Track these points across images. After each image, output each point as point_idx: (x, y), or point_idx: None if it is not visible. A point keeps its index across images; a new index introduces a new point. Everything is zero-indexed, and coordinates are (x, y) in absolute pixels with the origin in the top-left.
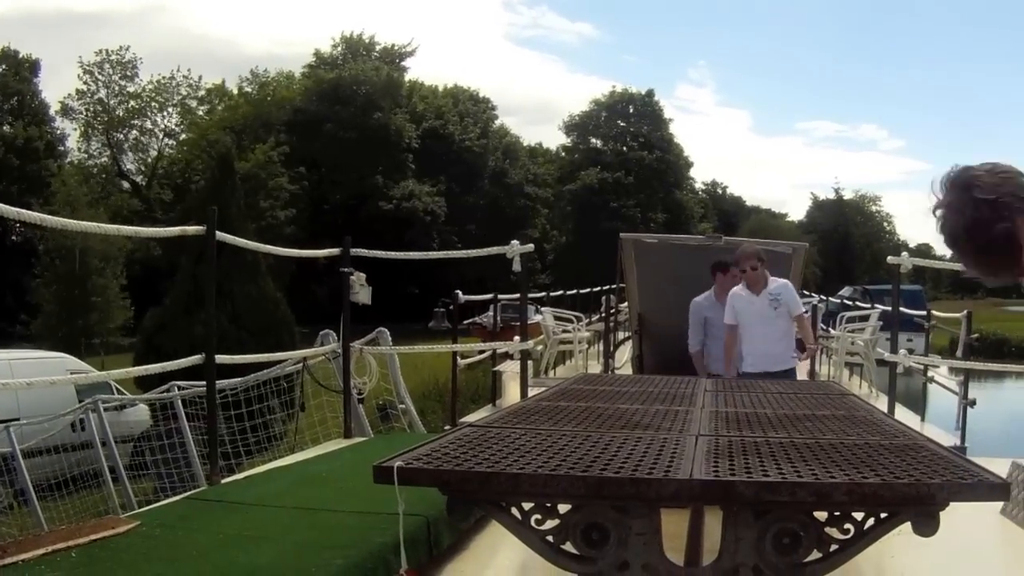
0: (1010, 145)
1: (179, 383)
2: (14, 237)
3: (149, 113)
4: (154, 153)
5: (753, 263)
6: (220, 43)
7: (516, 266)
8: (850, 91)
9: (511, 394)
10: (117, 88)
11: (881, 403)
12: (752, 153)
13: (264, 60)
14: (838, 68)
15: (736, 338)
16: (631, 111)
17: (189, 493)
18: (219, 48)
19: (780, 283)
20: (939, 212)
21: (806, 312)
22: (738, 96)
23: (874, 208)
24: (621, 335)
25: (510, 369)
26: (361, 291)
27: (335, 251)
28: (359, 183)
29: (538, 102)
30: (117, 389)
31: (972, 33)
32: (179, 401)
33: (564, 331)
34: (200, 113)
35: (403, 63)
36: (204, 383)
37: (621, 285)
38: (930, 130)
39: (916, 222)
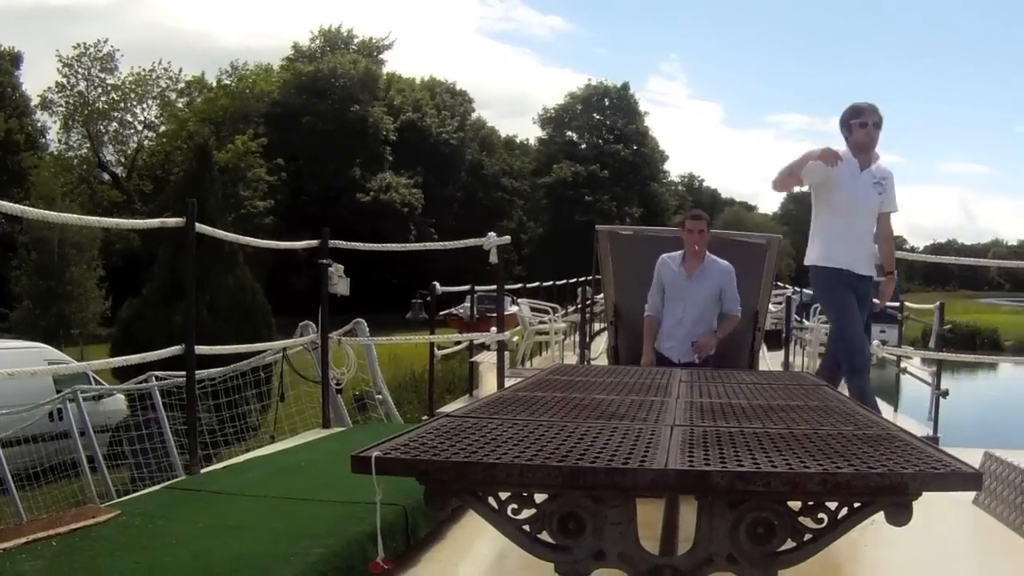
0: (983, 135)
1: (157, 373)
2: None
3: (128, 105)
4: (134, 145)
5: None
6: (195, 36)
7: (493, 258)
8: (820, 84)
9: (488, 384)
10: (97, 81)
11: None
12: (725, 146)
13: (239, 53)
14: (808, 61)
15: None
16: (606, 104)
17: (169, 482)
18: (194, 41)
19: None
20: None
21: (780, 303)
22: (710, 89)
23: None
24: (597, 326)
25: (487, 360)
26: (339, 282)
27: (313, 243)
28: (337, 175)
29: (512, 95)
30: (95, 379)
31: (939, 26)
32: (156, 391)
33: (540, 322)
34: (180, 105)
35: (380, 56)
36: (181, 373)
37: (597, 277)
38: (900, 124)
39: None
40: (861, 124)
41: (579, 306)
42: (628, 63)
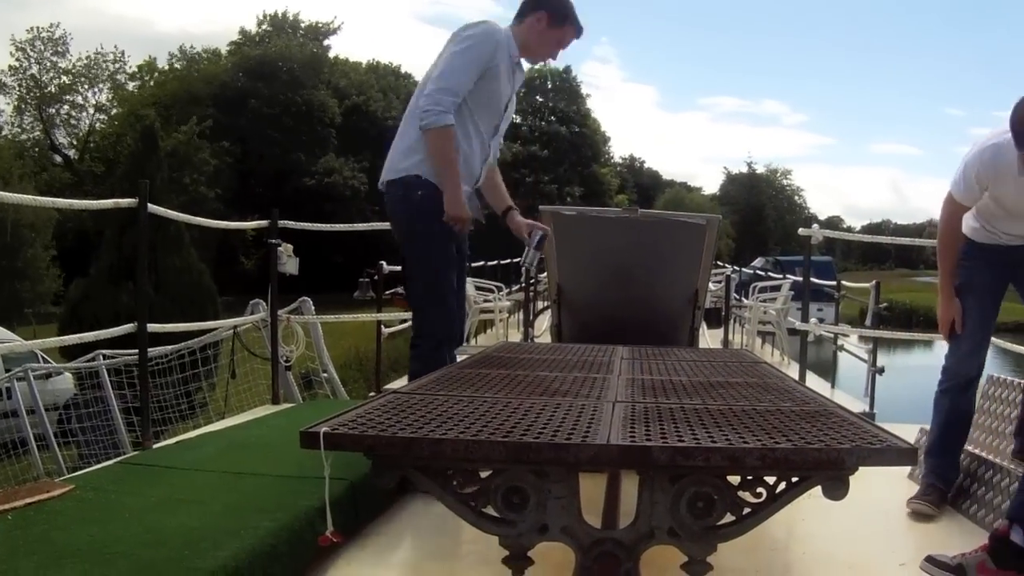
0: (913, 117)
1: (104, 352)
2: None
3: (80, 88)
4: (85, 128)
5: None
6: (137, 23)
7: None
8: (750, 67)
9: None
10: (49, 64)
11: (792, 371)
12: (660, 128)
13: (179, 39)
14: (738, 44)
15: None
16: (549, 87)
17: (122, 457)
18: (136, 28)
19: None
20: None
21: (719, 282)
22: (643, 72)
23: (785, 182)
24: (540, 305)
25: None
26: (288, 262)
27: (263, 223)
28: (283, 158)
29: None
30: (43, 358)
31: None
32: (104, 370)
33: (485, 300)
34: (130, 88)
35: (326, 40)
36: (129, 352)
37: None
38: (831, 105)
39: (822, 195)
40: None
41: (523, 285)
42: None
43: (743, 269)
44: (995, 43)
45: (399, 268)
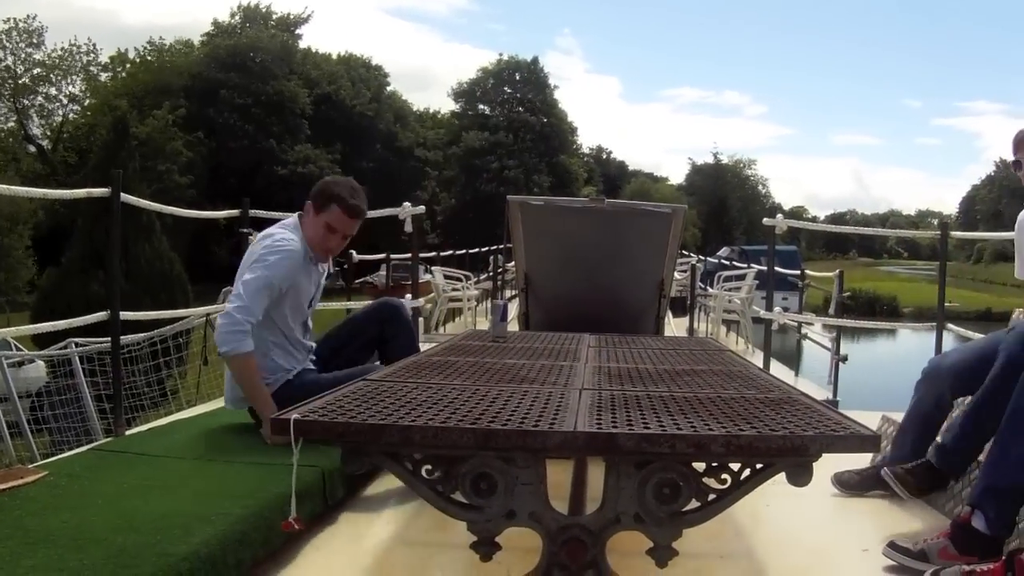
0: (873, 107)
1: (77, 340)
2: None
3: (54, 79)
4: (59, 118)
5: None
6: (105, 14)
7: (408, 227)
8: (711, 58)
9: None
10: (24, 55)
11: (757, 359)
12: (624, 119)
13: (146, 31)
14: (698, 35)
15: None
16: (517, 78)
17: (95, 444)
18: (104, 19)
19: None
20: None
21: (685, 271)
22: (606, 64)
23: (750, 172)
24: (508, 293)
25: None
26: None
27: (235, 212)
28: (255, 148)
29: (415, 70)
30: (16, 346)
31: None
32: (76, 358)
33: (454, 289)
34: (103, 79)
35: (298, 31)
36: (101, 340)
37: (508, 245)
38: (792, 96)
39: (784, 185)
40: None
41: (491, 274)
42: (524, 39)
43: (708, 258)
44: (952, 35)
45: (370, 257)
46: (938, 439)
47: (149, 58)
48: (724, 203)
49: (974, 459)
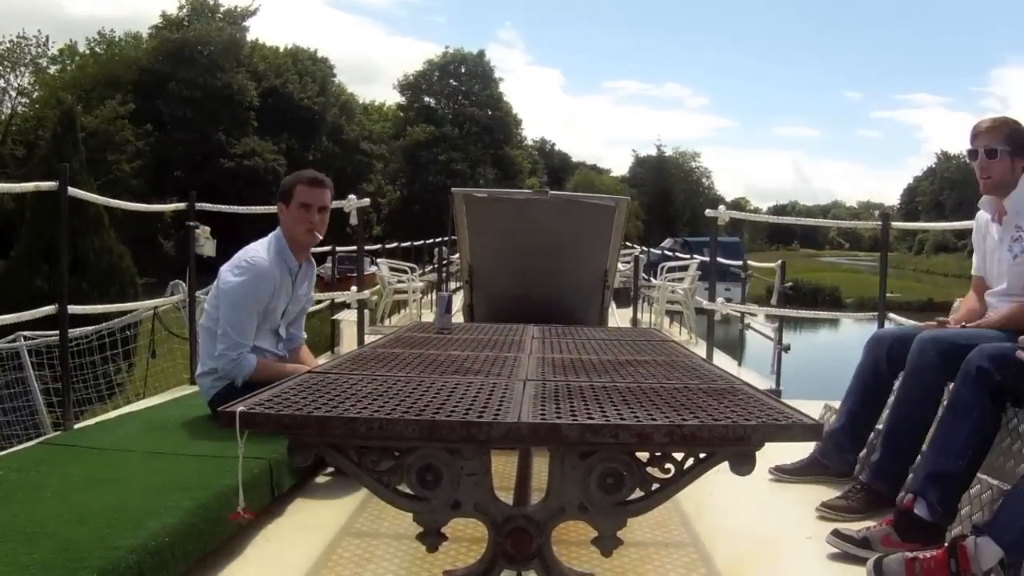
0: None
1: (25, 333)
2: None
3: (2, 72)
4: (8, 111)
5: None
6: (48, 5)
7: (353, 220)
8: (652, 50)
9: (348, 342)
10: None
11: (700, 349)
12: (566, 111)
13: (90, 22)
14: (638, 27)
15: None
16: (463, 71)
17: (43, 438)
18: (48, 9)
19: None
20: None
21: (628, 262)
22: (548, 56)
23: (694, 164)
24: (453, 285)
25: (347, 318)
26: (206, 244)
27: (181, 205)
28: (203, 141)
29: (358, 62)
30: None
31: None
32: (25, 351)
33: (399, 281)
34: (52, 72)
35: (245, 23)
36: (50, 333)
37: (453, 237)
38: (731, 89)
39: (725, 177)
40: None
41: (436, 266)
42: (466, 31)
43: (652, 250)
44: (892, 27)
45: (315, 249)
46: (871, 458)
47: (98, 51)
48: (667, 195)
49: (907, 471)
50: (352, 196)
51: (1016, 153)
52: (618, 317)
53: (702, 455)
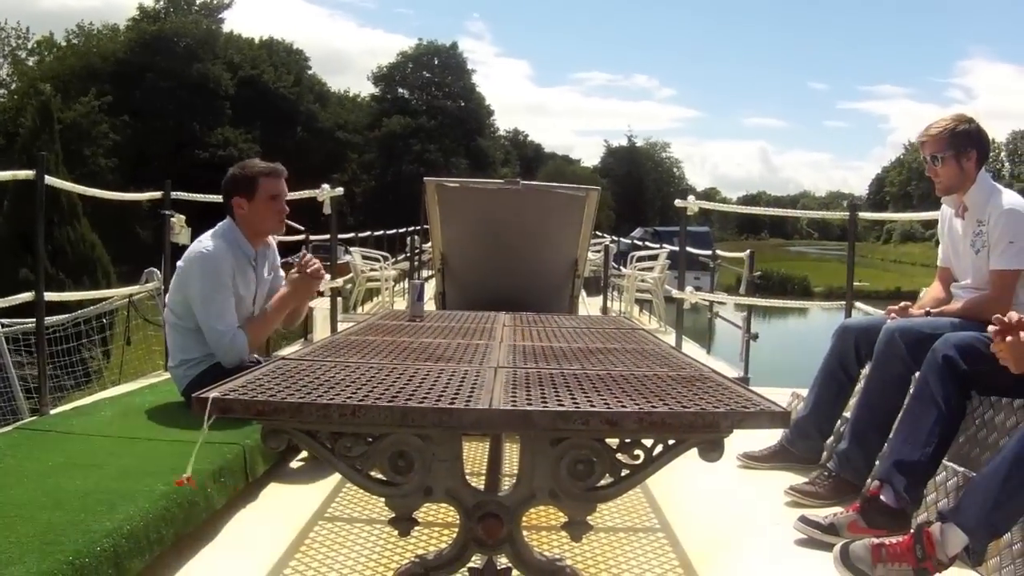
0: (779, 91)
1: (2, 321)
2: None
3: None
4: None
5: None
6: None
7: (327, 208)
8: (619, 42)
9: (322, 329)
10: None
11: (670, 337)
12: (535, 102)
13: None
14: (605, 19)
15: None
16: (436, 63)
17: (20, 423)
18: (20, 2)
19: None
20: None
21: (598, 251)
22: (516, 48)
23: (664, 154)
24: (426, 273)
25: (321, 306)
26: (181, 232)
27: (156, 194)
28: (179, 132)
29: (330, 54)
30: None
31: None
32: (2, 338)
33: (372, 270)
34: (30, 64)
35: (221, 16)
36: (26, 320)
37: (425, 226)
38: (699, 80)
39: (693, 167)
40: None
41: (408, 255)
42: (435, 23)
43: (622, 239)
44: (856, 20)
45: (288, 238)
46: (838, 447)
47: (75, 42)
48: (638, 185)
49: (874, 459)
50: (326, 185)
51: (960, 153)
52: (588, 305)
53: (671, 442)
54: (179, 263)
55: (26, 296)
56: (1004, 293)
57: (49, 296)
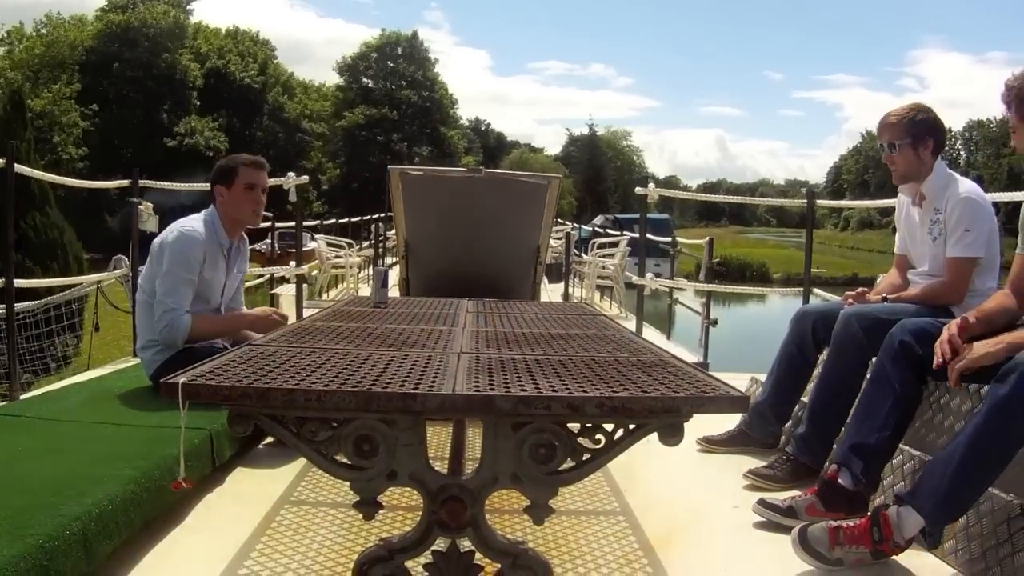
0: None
1: None
2: None
3: None
4: None
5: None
6: None
7: (292, 196)
8: (576, 32)
9: (287, 315)
10: None
11: (630, 323)
12: (495, 91)
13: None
14: (562, 8)
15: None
16: (399, 53)
17: None
18: None
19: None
20: None
21: (560, 239)
22: (475, 37)
23: (625, 143)
24: (390, 260)
25: (286, 292)
26: (149, 220)
27: (124, 183)
28: (147, 120)
29: (292, 43)
30: None
31: None
32: None
33: (337, 256)
34: (0, 53)
35: (189, 6)
36: None
37: (389, 214)
38: (656, 69)
39: (651, 155)
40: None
41: (373, 242)
42: (394, 13)
43: (583, 226)
44: (810, 9)
45: (255, 226)
46: (796, 431)
47: (43, 32)
48: (599, 173)
49: (831, 443)
50: (291, 173)
51: (917, 141)
52: (550, 292)
53: (632, 426)
54: (156, 239)
55: None
56: (960, 280)
57: (18, 283)
